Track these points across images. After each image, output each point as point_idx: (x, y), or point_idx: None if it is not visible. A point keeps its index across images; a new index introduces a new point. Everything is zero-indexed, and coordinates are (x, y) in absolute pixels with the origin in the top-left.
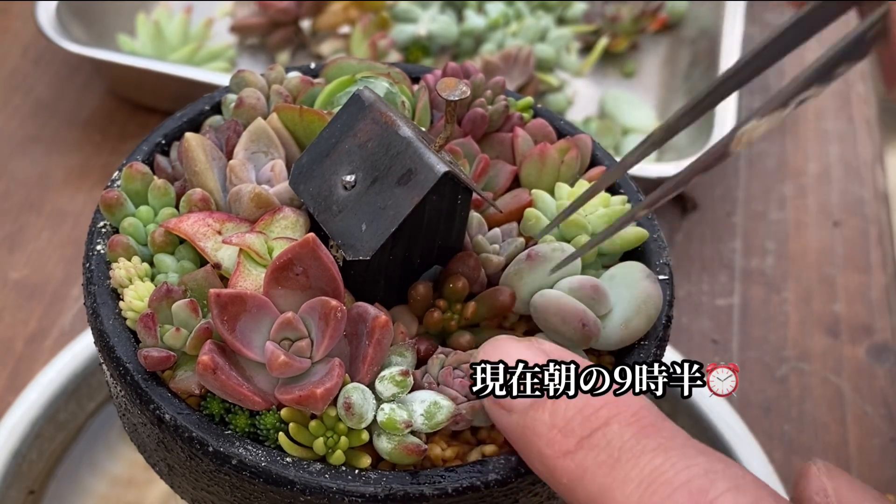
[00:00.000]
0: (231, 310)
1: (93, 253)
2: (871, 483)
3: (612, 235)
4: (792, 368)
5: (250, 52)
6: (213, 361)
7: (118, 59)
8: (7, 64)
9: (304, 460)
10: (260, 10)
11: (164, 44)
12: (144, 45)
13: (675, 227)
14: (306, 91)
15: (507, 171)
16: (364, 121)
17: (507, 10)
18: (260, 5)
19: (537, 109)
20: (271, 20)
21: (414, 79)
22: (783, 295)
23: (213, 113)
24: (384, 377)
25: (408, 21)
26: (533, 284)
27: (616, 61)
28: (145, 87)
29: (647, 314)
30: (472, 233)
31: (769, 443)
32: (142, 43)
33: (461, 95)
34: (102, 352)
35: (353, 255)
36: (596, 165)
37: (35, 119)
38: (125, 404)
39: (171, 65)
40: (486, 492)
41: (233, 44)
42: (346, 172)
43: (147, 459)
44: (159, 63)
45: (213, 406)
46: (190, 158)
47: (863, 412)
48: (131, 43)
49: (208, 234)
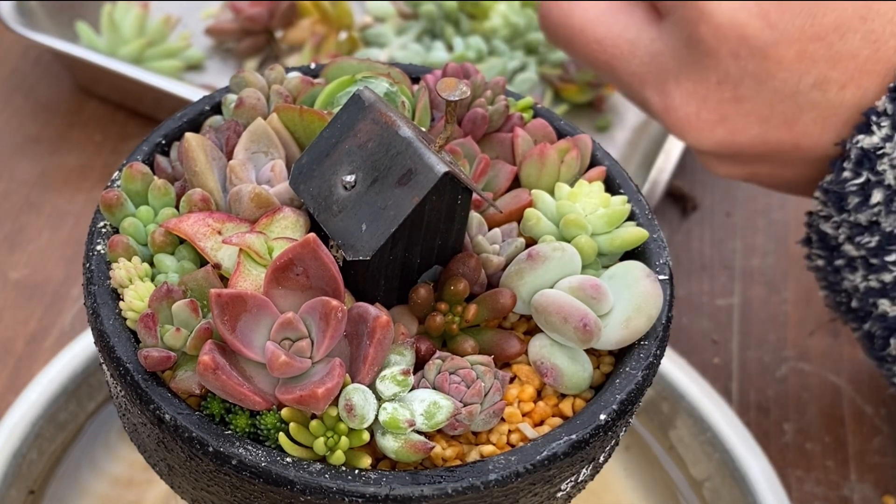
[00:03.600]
0: (231, 310)
1: (93, 253)
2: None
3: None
4: (792, 368)
5: (222, 57)
6: (214, 361)
7: (60, 47)
8: (7, 64)
9: (305, 460)
10: (233, 16)
11: (118, 37)
12: (102, 37)
13: (675, 227)
14: (306, 91)
15: (507, 171)
16: (364, 121)
17: (481, 47)
18: (232, 9)
19: (537, 110)
20: (241, 27)
21: (414, 79)
22: (783, 295)
23: (213, 113)
24: (385, 376)
25: (376, 45)
26: (533, 284)
27: (589, 114)
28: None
29: (647, 314)
30: (472, 233)
31: (769, 443)
32: (100, 35)
33: (461, 96)
34: (102, 352)
35: (353, 255)
36: (596, 166)
37: (35, 119)
38: (125, 404)
39: (104, 57)
40: (486, 492)
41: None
42: (346, 172)
43: (147, 459)
44: (92, 53)
45: (214, 406)
46: (190, 158)
47: (863, 412)
48: (91, 34)
49: (208, 234)
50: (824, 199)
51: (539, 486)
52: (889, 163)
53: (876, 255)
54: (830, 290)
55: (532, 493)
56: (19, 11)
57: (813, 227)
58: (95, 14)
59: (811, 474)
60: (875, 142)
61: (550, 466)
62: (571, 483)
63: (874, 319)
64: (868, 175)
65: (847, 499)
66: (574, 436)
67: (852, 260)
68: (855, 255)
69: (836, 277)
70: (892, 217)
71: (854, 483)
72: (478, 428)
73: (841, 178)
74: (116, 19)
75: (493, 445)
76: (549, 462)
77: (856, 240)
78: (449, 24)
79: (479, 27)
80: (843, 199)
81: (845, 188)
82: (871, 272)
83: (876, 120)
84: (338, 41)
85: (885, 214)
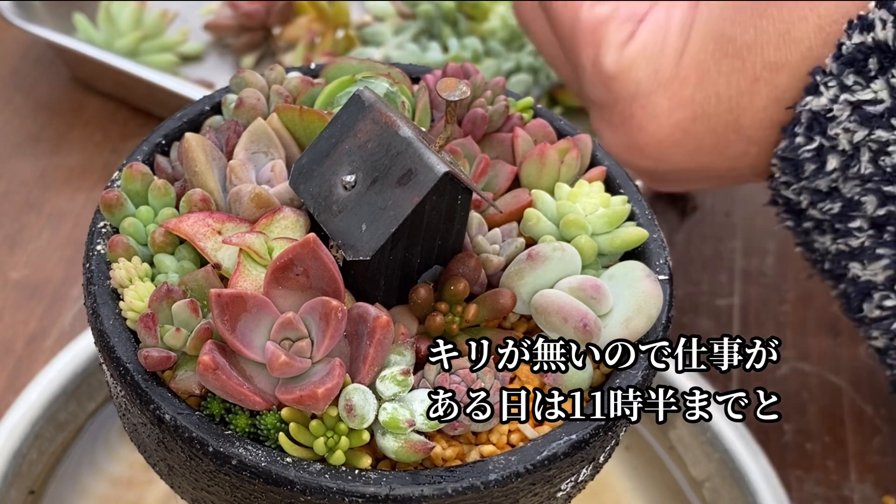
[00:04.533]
0: (231, 310)
1: (93, 253)
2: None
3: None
4: (792, 368)
5: (220, 52)
6: (214, 361)
7: (55, 39)
8: (7, 64)
9: (305, 460)
10: (231, 12)
11: (114, 30)
12: (99, 31)
13: (675, 227)
14: (306, 91)
15: (507, 171)
16: (364, 121)
17: (477, 48)
18: (230, 6)
19: (537, 110)
20: (239, 23)
21: (414, 79)
22: (783, 295)
23: (213, 113)
24: (385, 376)
25: (373, 44)
26: (533, 284)
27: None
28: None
29: (647, 314)
30: (472, 233)
31: (769, 443)
32: (97, 28)
33: (461, 96)
34: (102, 352)
35: (353, 256)
36: (596, 165)
37: (35, 119)
38: (125, 404)
39: (98, 50)
40: (486, 492)
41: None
42: (347, 172)
43: (147, 459)
44: (87, 46)
45: (214, 406)
46: (190, 158)
47: (863, 412)
48: (88, 26)
49: (208, 234)
50: (781, 167)
51: (539, 486)
52: (840, 126)
53: (840, 221)
54: (805, 249)
55: (532, 493)
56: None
57: (775, 192)
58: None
59: (811, 474)
60: (824, 103)
61: (550, 466)
62: (571, 483)
63: (847, 281)
64: (821, 140)
65: (847, 499)
66: (574, 436)
67: (820, 223)
68: (821, 218)
69: (808, 238)
70: (850, 183)
71: (854, 483)
72: (477, 429)
73: (794, 145)
74: (113, 13)
75: (493, 445)
76: (549, 462)
77: (818, 206)
78: (447, 24)
79: (478, 28)
80: (798, 166)
81: (799, 155)
82: (839, 236)
83: (822, 80)
84: (335, 39)
85: (843, 181)
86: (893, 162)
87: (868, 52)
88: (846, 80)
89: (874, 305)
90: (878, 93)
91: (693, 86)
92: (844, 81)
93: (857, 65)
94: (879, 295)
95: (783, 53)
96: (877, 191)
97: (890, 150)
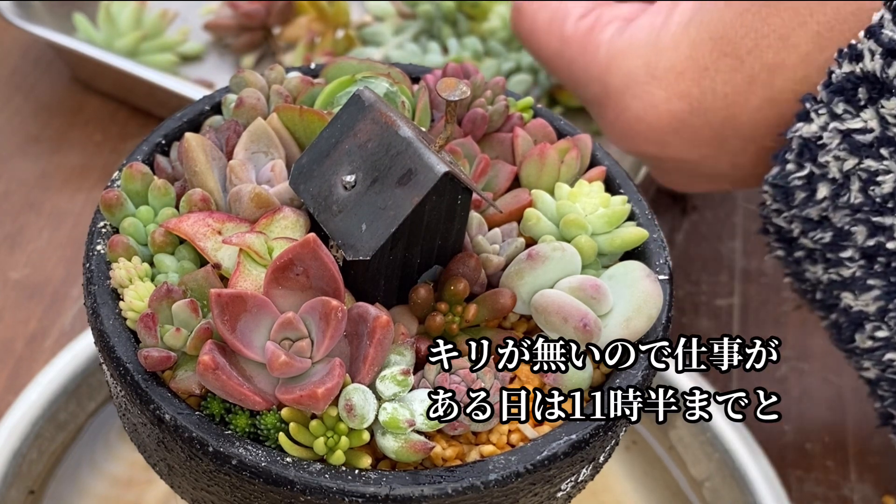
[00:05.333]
0: (231, 310)
1: (93, 253)
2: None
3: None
4: (792, 368)
5: (220, 52)
6: (214, 361)
7: (54, 38)
8: (7, 64)
9: (305, 460)
10: (231, 12)
11: (114, 29)
12: (98, 30)
13: (675, 227)
14: (306, 91)
15: (507, 171)
16: (364, 121)
17: (477, 48)
18: (230, 6)
19: (537, 110)
20: (239, 23)
21: (414, 79)
22: (783, 295)
23: (213, 113)
24: (385, 376)
25: (373, 44)
26: (533, 284)
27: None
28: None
29: (647, 314)
30: (472, 233)
31: (769, 443)
32: (97, 27)
33: (461, 96)
34: (102, 352)
35: (353, 256)
36: (596, 165)
37: (35, 119)
38: (125, 404)
39: (97, 49)
40: (486, 492)
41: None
42: (346, 172)
43: (147, 459)
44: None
45: (214, 406)
46: (190, 158)
47: (863, 412)
48: (88, 26)
49: (208, 234)
50: (772, 194)
51: (539, 486)
52: (831, 154)
53: (832, 251)
54: (795, 279)
55: (532, 493)
56: (19, 5)
57: (766, 220)
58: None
59: (811, 474)
60: (814, 130)
61: (550, 466)
62: (571, 483)
63: (839, 311)
64: (812, 167)
65: (847, 499)
66: (574, 436)
67: (812, 252)
68: (813, 247)
69: (799, 268)
70: (841, 212)
71: (854, 483)
72: (478, 429)
73: (785, 171)
74: (113, 13)
75: (493, 445)
76: (549, 462)
77: (809, 235)
78: (447, 24)
79: (478, 28)
80: (789, 193)
81: (790, 182)
82: (831, 266)
83: (812, 107)
84: (335, 39)
85: (833, 210)
86: (883, 192)
87: (857, 81)
88: (836, 109)
89: (866, 336)
90: (868, 122)
91: (689, 80)
92: (834, 110)
93: (847, 94)
94: (871, 325)
95: (781, 56)
96: (866, 221)
97: (879, 180)
